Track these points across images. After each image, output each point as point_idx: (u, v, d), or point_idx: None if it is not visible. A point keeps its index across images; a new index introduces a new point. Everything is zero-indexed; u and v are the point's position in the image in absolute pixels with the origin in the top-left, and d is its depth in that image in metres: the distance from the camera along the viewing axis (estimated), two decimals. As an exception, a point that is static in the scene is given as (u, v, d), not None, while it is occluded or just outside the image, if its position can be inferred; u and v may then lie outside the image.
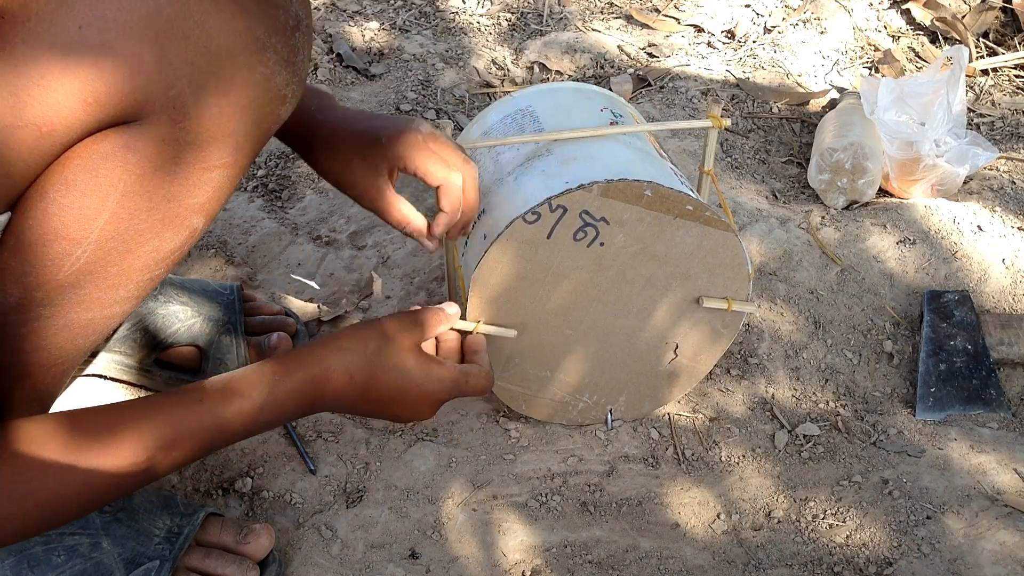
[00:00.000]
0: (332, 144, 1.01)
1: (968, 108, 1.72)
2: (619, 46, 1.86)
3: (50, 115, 0.72)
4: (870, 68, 1.82)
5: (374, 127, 1.00)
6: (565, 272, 1.04)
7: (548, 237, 1.00)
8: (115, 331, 1.14)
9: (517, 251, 1.01)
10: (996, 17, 1.90)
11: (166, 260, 0.86)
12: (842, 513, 1.10)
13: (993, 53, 1.86)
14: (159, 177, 0.77)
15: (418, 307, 0.99)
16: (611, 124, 1.11)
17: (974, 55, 1.84)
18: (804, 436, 1.19)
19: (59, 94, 0.71)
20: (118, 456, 0.80)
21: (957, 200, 1.48)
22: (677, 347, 1.13)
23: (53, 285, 0.80)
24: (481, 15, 1.94)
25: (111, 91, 0.72)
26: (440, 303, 1.34)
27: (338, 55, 1.81)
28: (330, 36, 1.85)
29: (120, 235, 0.79)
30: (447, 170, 0.99)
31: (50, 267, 0.79)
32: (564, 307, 1.07)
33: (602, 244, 1.02)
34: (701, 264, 1.05)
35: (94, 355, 1.16)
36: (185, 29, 0.71)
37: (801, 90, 1.76)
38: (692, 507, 1.11)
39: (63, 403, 1.15)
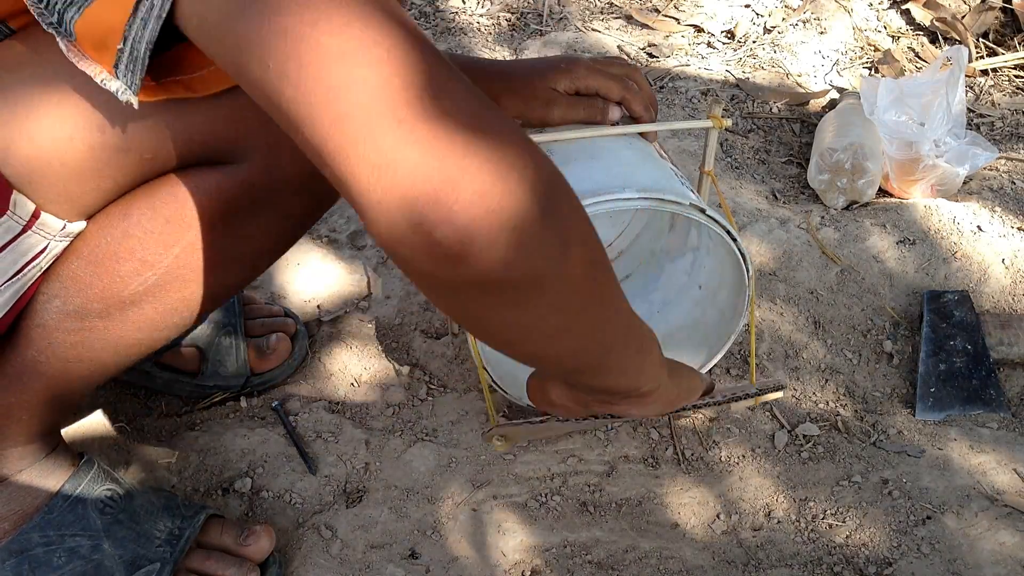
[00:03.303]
0: (513, 84, 1.04)
1: (968, 108, 1.72)
2: (619, 46, 1.86)
3: (157, 146, 0.74)
4: (870, 68, 1.82)
5: (544, 59, 1.07)
6: None
7: None
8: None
9: None
10: (996, 17, 1.90)
11: (225, 294, 0.89)
12: (842, 513, 1.10)
13: (993, 53, 1.86)
14: (241, 217, 0.80)
15: None
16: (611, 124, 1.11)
17: (974, 55, 1.84)
18: (804, 436, 1.19)
19: (171, 131, 0.73)
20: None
21: (957, 200, 1.48)
22: None
23: (115, 300, 0.82)
24: (481, 15, 1.93)
25: (218, 136, 0.75)
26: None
27: (338, 55, 1.80)
28: (330, 36, 1.85)
29: (191, 265, 0.81)
30: (622, 83, 1.03)
31: (117, 283, 0.81)
32: None
33: None
34: None
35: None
36: None
37: (801, 90, 1.76)
38: (692, 507, 1.11)
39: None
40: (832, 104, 1.71)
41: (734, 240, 1.03)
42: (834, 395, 1.25)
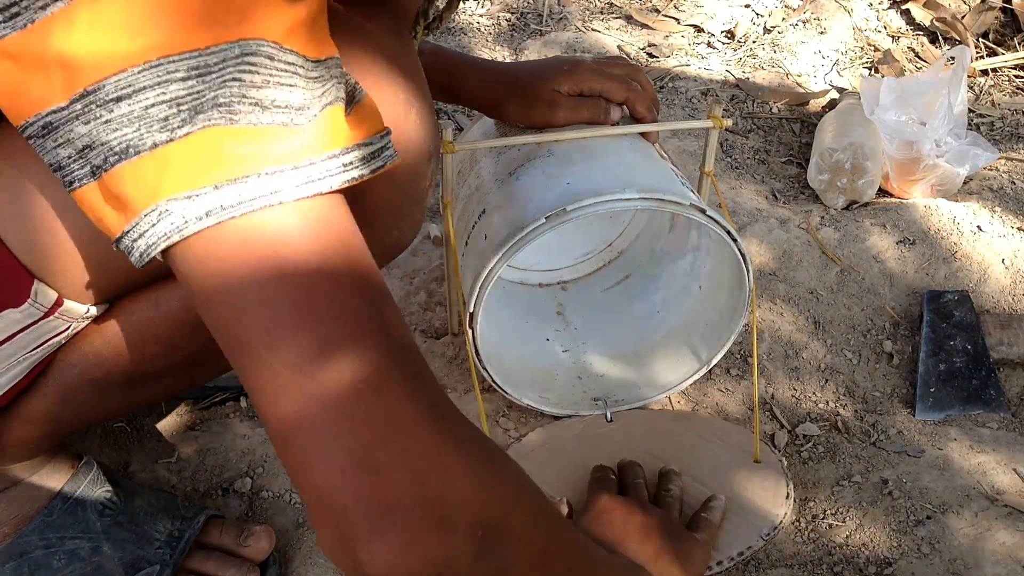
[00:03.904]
0: (516, 87, 1.06)
1: (968, 108, 1.72)
2: (619, 46, 1.86)
3: None
4: (870, 68, 1.82)
5: (546, 61, 1.09)
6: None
7: None
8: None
9: None
10: (996, 17, 1.90)
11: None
12: (842, 513, 1.10)
13: (993, 53, 1.86)
14: None
15: None
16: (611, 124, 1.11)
17: (974, 55, 1.84)
18: (804, 436, 1.19)
19: None
20: None
21: (957, 200, 1.48)
22: None
23: (138, 376, 0.83)
24: (481, 15, 1.94)
25: None
26: (440, 302, 1.34)
27: (338, 55, 1.80)
28: (330, 36, 1.85)
29: (219, 347, 0.82)
30: (625, 85, 1.04)
31: (142, 363, 0.81)
32: None
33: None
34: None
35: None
36: None
37: (801, 90, 1.76)
38: (692, 507, 1.11)
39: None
40: (832, 104, 1.71)
41: (734, 241, 1.03)
42: (834, 395, 1.25)
